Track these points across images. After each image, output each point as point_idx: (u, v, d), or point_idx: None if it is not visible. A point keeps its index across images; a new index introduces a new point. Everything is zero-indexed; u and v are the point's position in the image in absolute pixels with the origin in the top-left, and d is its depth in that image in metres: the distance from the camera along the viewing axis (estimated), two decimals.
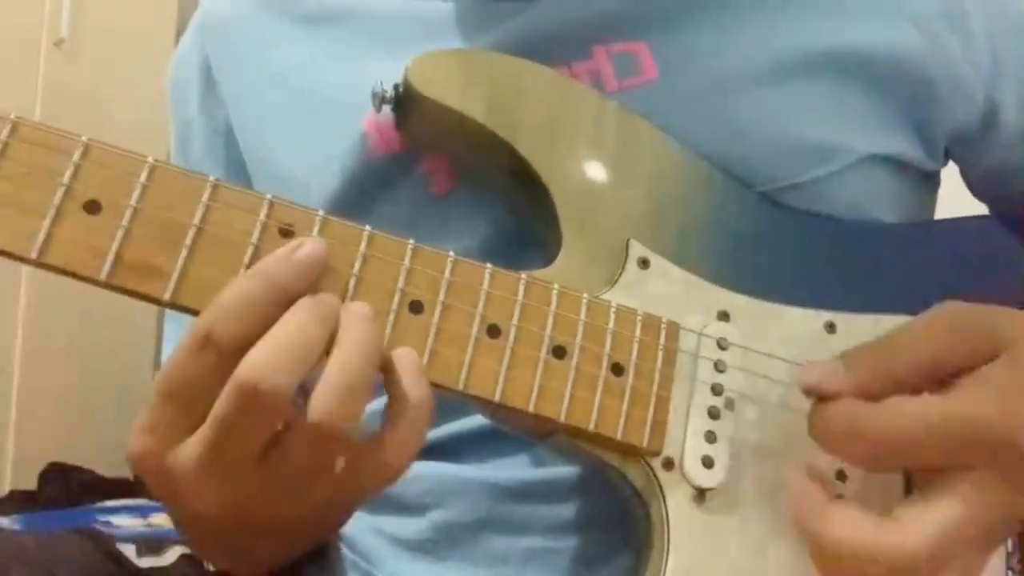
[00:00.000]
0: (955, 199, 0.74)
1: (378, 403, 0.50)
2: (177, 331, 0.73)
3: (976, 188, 0.75)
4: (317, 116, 0.70)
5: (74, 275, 0.47)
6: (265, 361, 0.44)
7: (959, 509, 0.48)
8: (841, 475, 0.57)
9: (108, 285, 0.47)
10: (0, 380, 2.32)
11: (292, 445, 0.46)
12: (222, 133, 0.75)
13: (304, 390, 0.46)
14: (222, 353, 0.45)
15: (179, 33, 0.80)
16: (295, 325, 0.46)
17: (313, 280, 0.48)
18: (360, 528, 0.70)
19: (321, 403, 0.45)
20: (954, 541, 0.48)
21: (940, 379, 0.50)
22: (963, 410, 0.49)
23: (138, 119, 2.34)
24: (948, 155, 0.72)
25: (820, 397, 0.52)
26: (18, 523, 1.99)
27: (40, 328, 2.36)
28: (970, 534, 0.48)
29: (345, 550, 0.71)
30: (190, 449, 0.47)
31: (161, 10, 2.65)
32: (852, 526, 0.49)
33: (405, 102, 0.61)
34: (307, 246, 0.48)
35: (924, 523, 0.48)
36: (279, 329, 0.45)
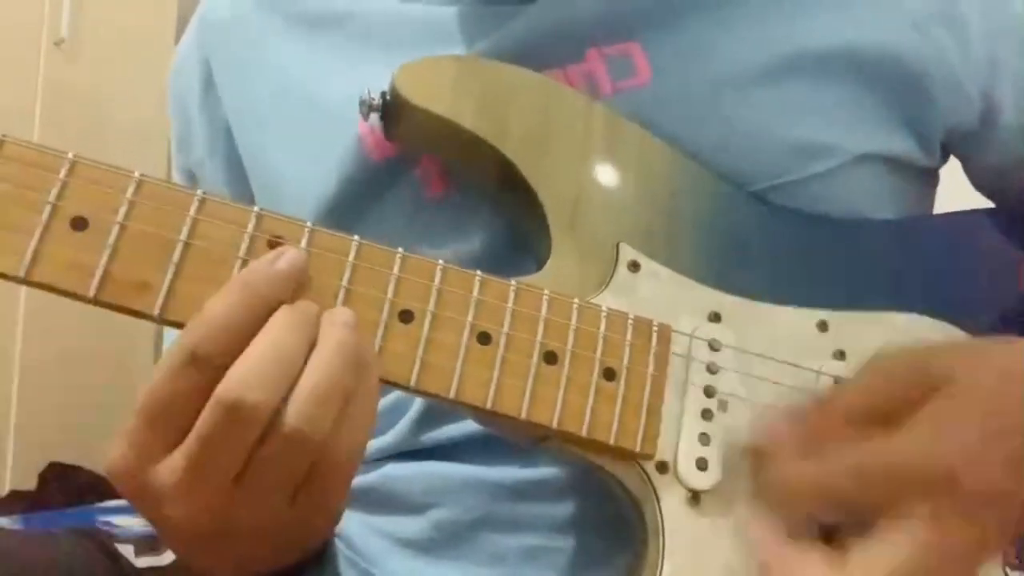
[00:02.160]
0: (954, 198, 0.74)
1: None
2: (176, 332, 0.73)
3: (980, 185, 0.75)
4: (314, 119, 0.70)
5: (62, 292, 0.47)
6: (245, 376, 0.45)
7: (906, 550, 0.47)
8: None
9: (96, 302, 0.47)
10: (0, 381, 2.33)
11: (266, 455, 0.46)
12: (222, 133, 0.75)
13: None
14: (206, 370, 0.45)
15: (179, 33, 0.80)
16: (274, 338, 0.46)
17: (293, 290, 0.48)
18: (359, 527, 0.70)
19: (295, 410, 0.45)
20: None
21: (884, 426, 0.50)
22: (896, 448, 0.49)
23: (138, 119, 2.34)
24: (947, 153, 0.72)
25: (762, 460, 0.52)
26: (18, 523, 2.00)
27: (40, 329, 2.37)
28: (929, 569, 0.48)
29: (344, 549, 0.71)
30: (171, 465, 0.47)
31: (161, 10, 2.64)
32: (802, 565, 0.49)
33: (393, 109, 0.61)
34: (288, 255, 0.49)
35: (873, 569, 0.48)
36: (259, 343, 0.46)
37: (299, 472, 0.48)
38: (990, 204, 0.74)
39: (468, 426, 0.65)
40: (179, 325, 0.48)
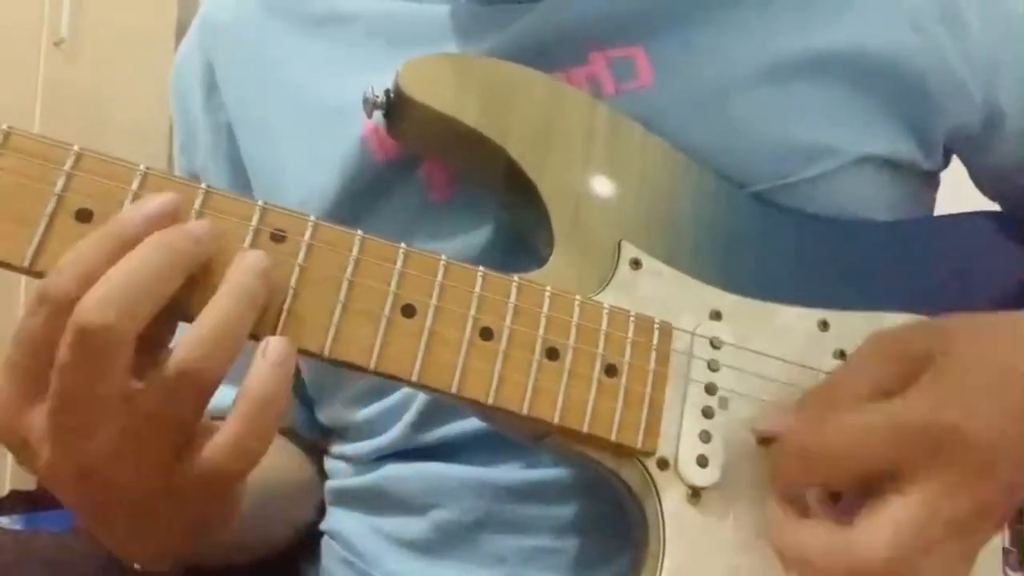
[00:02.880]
0: (954, 199, 0.74)
1: None
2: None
3: (983, 186, 0.75)
4: (317, 121, 0.70)
5: None
6: (95, 300, 0.43)
7: (913, 509, 0.49)
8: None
9: None
10: None
11: (147, 392, 0.44)
12: (225, 134, 0.75)
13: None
14: (57, 307, 0.44)
15: (179, 33, 0.81)
16: (127, 264, 0.44)
17: (159, 227, 0.46)
18: (358, 528, 0.70)
19: (186, 347, 0.44)
20: (915, 540, 0.48)
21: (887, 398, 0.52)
22: (902, 406, 0.50)
23: (138, 119, 2.34)
24: (948, 156, 0.72)
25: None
26: (18, 523, 2.00)
27: None
28: (934, 533, 0.49)
29: (342, 550, 0.71)
30: (40, 411, 0.45)
31: (161, 10, 2.65)
32: (812, 535, 0.51)
33: (396, 107, 0.61)
34: (158, 198, 0.46)
35: (878, 527, 0.49)
36: (116, 267, 0.44)
37: (182, 417, 0.46)
38: (992, 206, 0.75)
39: (468, 426, 0.65)
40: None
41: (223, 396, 0.46)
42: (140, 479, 0.47)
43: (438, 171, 0.66)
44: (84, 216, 0.47)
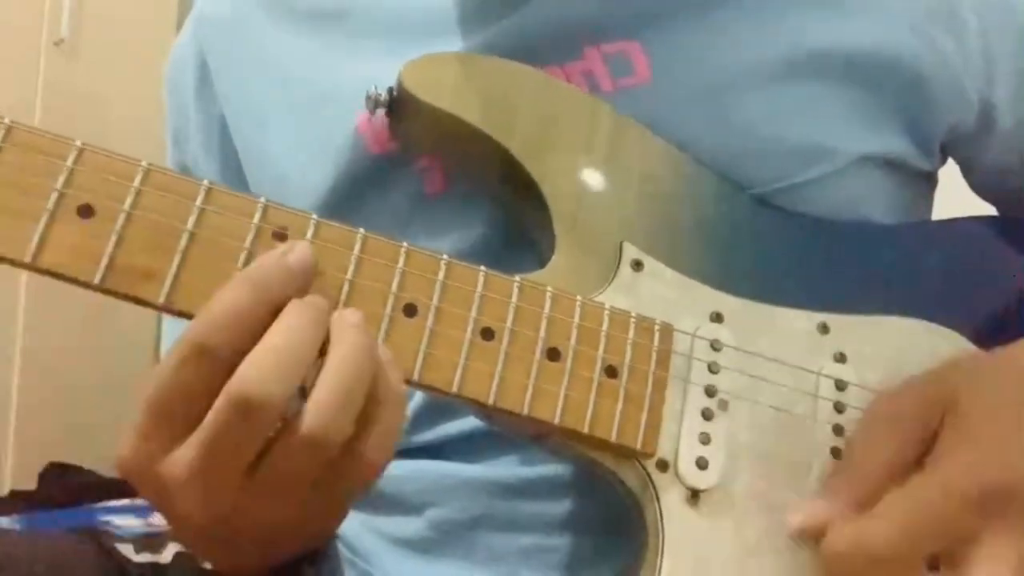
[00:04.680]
0: (954, 200, 0.74)
1: None
2: (175, 330, 0.73)
3: (978, 188, 0.75)
4: (312, 113, 0.70)
5: (68, 279, 0.47)
6: (258, 371, 0.44)
7: (1006, 555, 0.49)
8: None
9: (102, 289, 0.47)
10: (0, 381, 2.33)
11: (281, 454, 0.46)
12: (217, 128, 0.75)
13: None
14: (215, 363, 0.45)
15: (179, 33, 0.81)
16: (285, 332, 0.45)
17: (303, 285, 0.48)
18: (357, 527, 0.70)
19: (315, 414, 0.45)
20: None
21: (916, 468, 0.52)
22: (938, 485, 0.51)
23: (138, 119, 2.33)
24: (946, 155, 0.73)
25: (814, 535, 0.53)
26: (18, 523, 2.00)
27: (40, 328, 2.37)
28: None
29: (342, 549, 0.71)
30: (181, 458, 0.46)
31: (161, 10, 2.65)
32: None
33: (399, 105, 0.61)
34: (297, 251, 0.48)
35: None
36: (270, 337, 0.45)
37: (314, 473, 0.47)
38: (989, 210, 0.75)
39: (466, 425, 0.65)
40: (183, 314, 0.48)
41: None
42: (273, 519, 0.49)
43: (434, 164, 0.66)
44: (86, 212, 0.47)
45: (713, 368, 0.57)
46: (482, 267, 0.54)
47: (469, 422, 0.65)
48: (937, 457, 0.51)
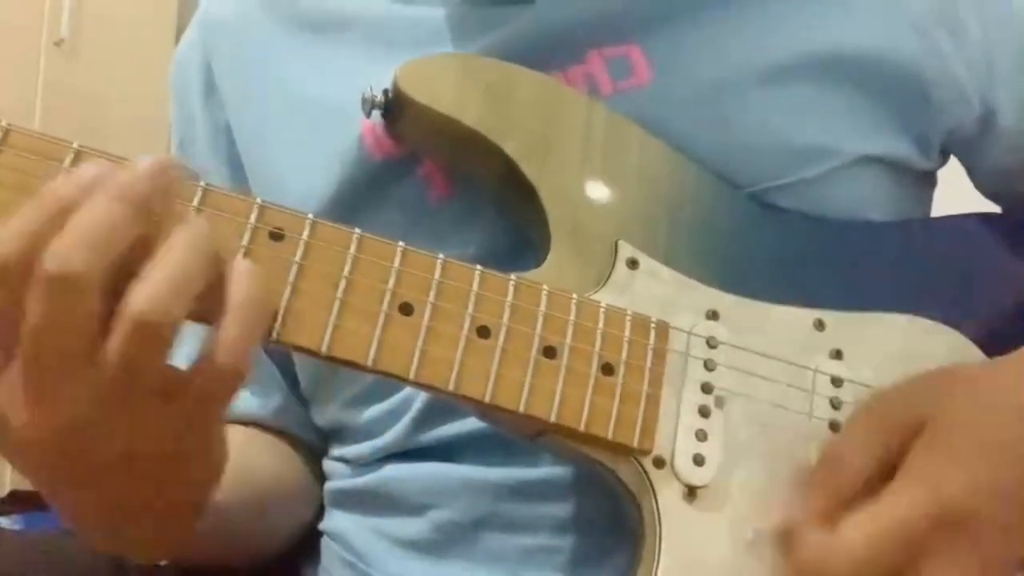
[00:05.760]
0: (952, 199, 0.74)
1: None
2: None
3: (982, 187, 0.75)
4: (315, 120, 0.70)
5: None
6: (63, 247, 0.42)
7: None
8: None
9: None
10: None
11: (111, 345, 0.43)
12: (223, 132, 0.75)
13: None
14: (12, 269, 0.43)
15: (179, 33, 0.81)
16: (94, 210, 0.43)
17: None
18: (358, 528, 0.70)
19: (140, 295, 0.43)
20: None
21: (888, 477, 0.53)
22: (903, 501, 0.51)
23: (138, 119, 2.35)
24: (946, 155, 0.72)
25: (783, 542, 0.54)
26: (18, 523, 2.00)
27: None
28: None
29: (342, 551, 0.71)
30: (9, 374, 0.44)
31: (161, 10, 2.65)
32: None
33: (395, 107, 0.61)
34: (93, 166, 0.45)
35: None
36: (76, 216, 0.43)
37: (157, 374, 0.45)
38: (990, 207, 0.75)
39: (467, 426, 0.65)
40: None
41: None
42: (124, 435, 0.46)
43: (437, 170, 0.66)
44: None
45: (709, 365, 0.58)
46: (477, 266, 0.54)
47: (471, 423, 0.65)
48: (904, 474, 0.52)
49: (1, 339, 0.44)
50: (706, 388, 0.57)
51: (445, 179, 0.66)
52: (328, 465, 0.75)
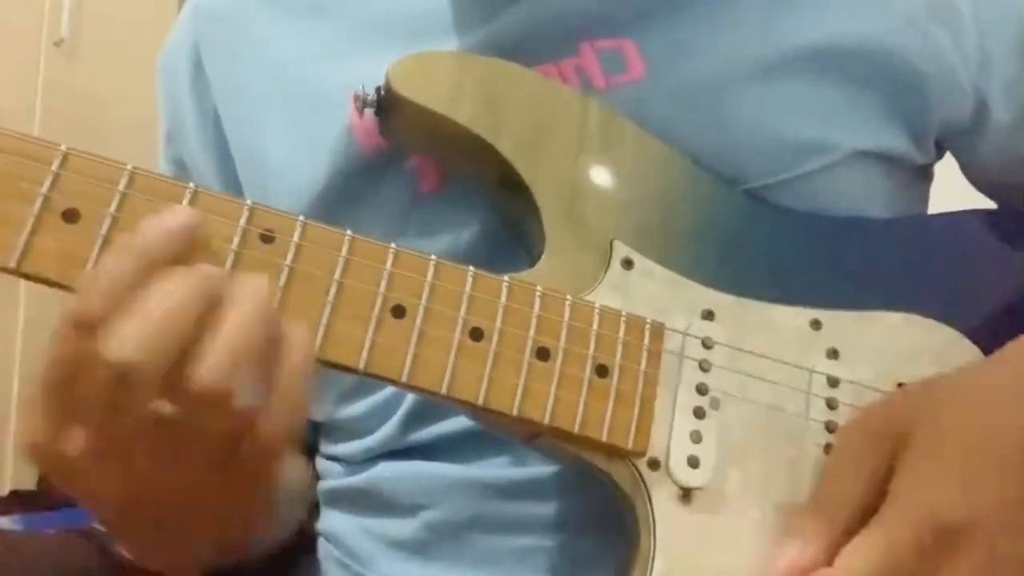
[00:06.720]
0: (950, 196, 0.74)
1: None
2: None
3: (975, 182, 0.75)
4: (305, 110, 0.70)
5: (54, 284, 0.47)
6: (130, 334, 0.42)
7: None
8: None
9: None
10: (0, 380, 2.33)
11: (176, 417, 0.45)
12: (212, 122, 0.75)
13: None
14: (92, 332, 0.43)
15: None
16: (158, 296, 0.43)
17: (186, 250, 0.45)
18: (350, 529, 0.70)
19: (203, 369, 0.43)
20: None
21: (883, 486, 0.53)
22: (895, 526, 0.51)
23: (138, 119, 2.33)
24: (942, 149, 0.72)
25: None
26: (18, 523, 2.00)
27: (40, 329, 2.36)
28: None
29: (334, 551, 0.71)
30: (75, 435, 0.45)
31: (161, 10, 2.64)
32: None
33: (387, 105, 0.61)
34: (176, 213, 0.46)
35: None
36: (141, 303, 0.43)
37: (219, 436, 0.46)
38: (987, 204, 0.74)
39: (458, 425, 0.65)
40: None
41: None
42: (188, 488, 0.48)
43: (428, 164, 0.66)
44: (71, 216, 0.47)
45: (704, 366, 0.57)
46: (470, 267, 0.53)
47: (462, 422, 0.65)
48: (895, 493, 0.52)
49: (76, 393, 0.44)
50: (701, 389, 0.57)
51: (435, 172, 0.66)
52: (321, 464, 0.75)
